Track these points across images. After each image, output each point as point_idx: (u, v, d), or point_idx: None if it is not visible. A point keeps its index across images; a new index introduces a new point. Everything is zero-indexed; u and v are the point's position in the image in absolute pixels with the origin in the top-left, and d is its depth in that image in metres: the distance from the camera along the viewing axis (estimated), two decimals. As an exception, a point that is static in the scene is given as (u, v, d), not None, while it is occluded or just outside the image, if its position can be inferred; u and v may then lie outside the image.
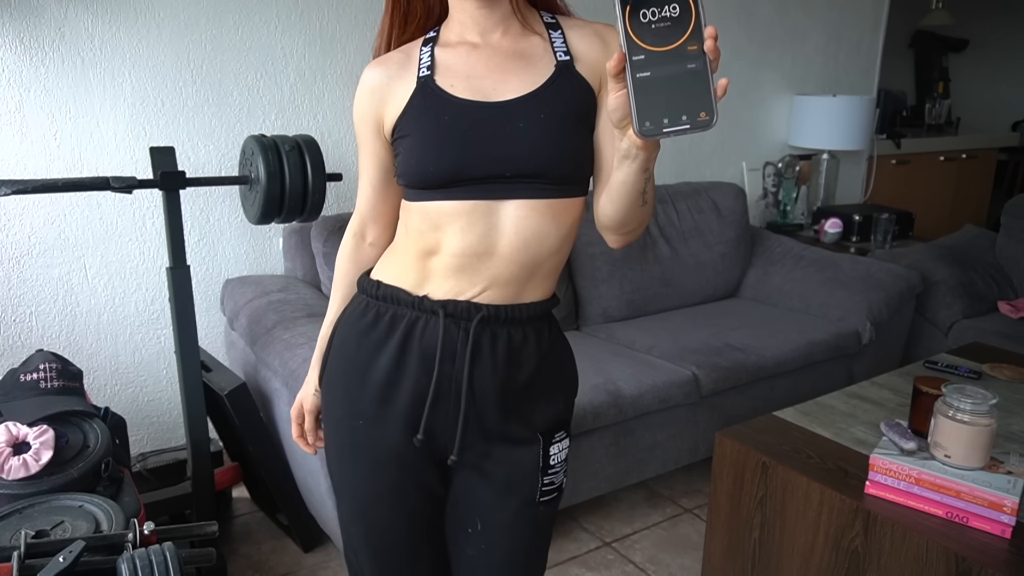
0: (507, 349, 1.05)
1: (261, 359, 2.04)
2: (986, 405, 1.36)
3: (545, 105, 1.00)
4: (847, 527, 1.44)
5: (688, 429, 2.36)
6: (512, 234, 1.01)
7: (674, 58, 0.72)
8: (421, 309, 1.05)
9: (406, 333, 1.05)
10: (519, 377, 1.06)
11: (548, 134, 1.00)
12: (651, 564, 2.14)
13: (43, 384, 1.62)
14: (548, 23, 1.07)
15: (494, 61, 1.04)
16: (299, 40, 2.38)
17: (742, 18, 3.39)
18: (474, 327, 1.03)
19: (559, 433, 1.12)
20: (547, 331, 1.10)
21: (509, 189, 1.00)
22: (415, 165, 1.02)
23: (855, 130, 3.51)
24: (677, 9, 0.72)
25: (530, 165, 0.99)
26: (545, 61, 1.03)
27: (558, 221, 1.03)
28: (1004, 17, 5.31)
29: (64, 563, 1.09)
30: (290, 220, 2.02)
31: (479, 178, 1.00)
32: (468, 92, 1.01)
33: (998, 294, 3.14)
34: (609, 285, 2.75)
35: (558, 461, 1.12)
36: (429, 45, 1.07)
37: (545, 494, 1.12)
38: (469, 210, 1.01)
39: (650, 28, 0.72)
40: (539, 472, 1.10)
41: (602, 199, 1.02)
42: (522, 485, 1.10)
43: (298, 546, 2.16)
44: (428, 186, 1.02)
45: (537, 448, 1.09)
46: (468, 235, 1.01)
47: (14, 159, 2.06)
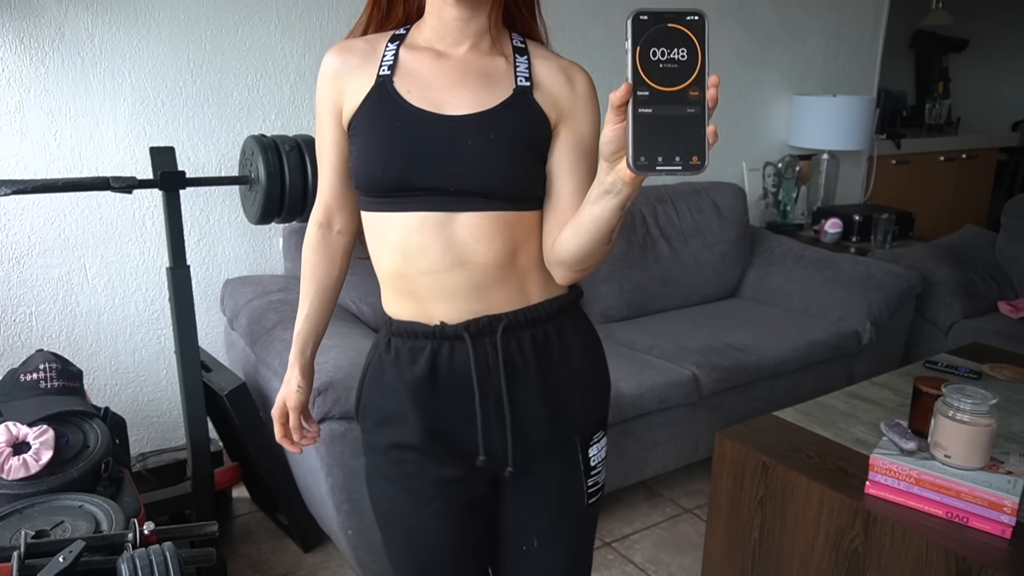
0: (534, 351, 1.05)
1: (261, 359, 2.04)
2: (986, 405, 1.36)
3: (496, 126, 0.99)
4: (847, 527, 1.44)
5: (688, 429, 2.36)
6: (473, 240, 1.00)
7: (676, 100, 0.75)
8: (443, 337, 1.04)
9: (432, 362, 1.04)
10: (553, 376, 1.06)
11: (495, 155, 0.99)
12: (651, 564, 2.14)
13: (43, 384, 1.62)
14: (516, 47, 1.06)
15: (455, 74, 1.03)
16: (299, 40, 2.38)
17: (742, 18, 3.39)
18: (500, 338, 1.02)
19: (598, 433, 1.13)
20: (570, 327, 1.09)
21: (457, 202, 0.99)
22: (364, 169, 1.02)
23: (855, 130, 3.51)
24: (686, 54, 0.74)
25: (474, 183, 0.99)
26: (504, 83, 1.02)
27: (513, 228, 1.02)
28: (1004, 17, 5.31)
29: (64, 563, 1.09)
30: (290, 220, 2.02)
31: (425, 188, 0.99)
32: (423, 101, 1.01)
33: (998, 294, 3.14)
34: (609, 285, 2.75)
35: (599, 461, 1.13)
36: (396, 43, 1.06)
37: (592, 495, 1.12)
38: (420, 224, 1.00)
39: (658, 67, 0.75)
40: (583, 475, 1.10)
41: (565, 234, 0.98)
42: (570, 493, 1.10)
43: (298, 546, 2.16)
44: (377, 192, 1.02)
45: (579, 452, 1.10)
46: (429, 250, 1.00)
47: (14, 159, 2.06)
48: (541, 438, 1.07)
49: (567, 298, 1.09)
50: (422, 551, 1.12)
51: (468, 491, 1.09)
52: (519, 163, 1.01)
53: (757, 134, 3.63)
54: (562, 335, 1.07)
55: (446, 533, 1.10)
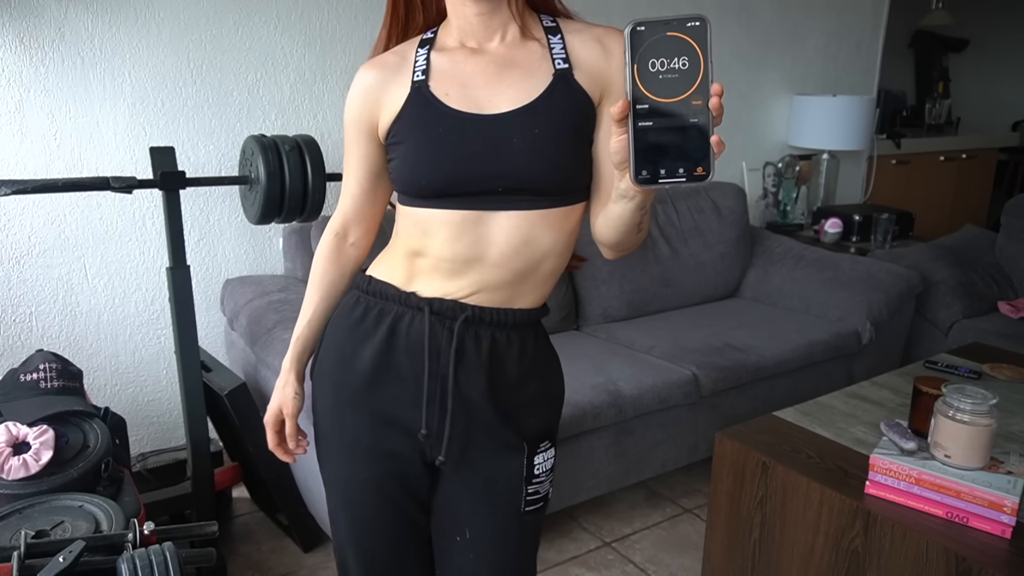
0: (491, 351, 1.04)
1: (261, 359, 2.04)
2: (986, 405, 1.36)
3: (540, 119, 0.98)
4: (847, 527, 1.44)
5: (688, 429, 2.36)
6: (503, 243, 1.00)
7: (678, 111, 0.73)
8: (408, 304, 1.04)
9: (392, 327, 1.05)
10: (504, 381, 1.06)
11: (542, 151, 0.97)
12: (651, 564, 2.14)
13: (43, 384, 1.62)
14: (548, 27, 1.05)
15: (491, 69, 1.01)
16: (299, 40, 2.38)
17: (742, 18, 3.39)
18: (458, 326, 1.02)
19: (544, 443, 1.12)
20: (532, 339, 1.09)
21: (501, 201, 0.99)
22: (408, 176, 1.01)
23: (855, 130, 3.51)
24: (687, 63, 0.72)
25: (523, 182, 0.98)
26: (542, 70, 1.01)
27: (554, 228, 1.02)
28: (1004, 17, 5.31)
29: (64, 563, 1.09)
30: (290, 220, 2.02)
31: (471, 192, 0.99)
32: (462, 103, 0.99)
33: (998, 294, 3.14)
34: (609, 285, 2.75)
35: (543, 471, 1.12)
36: (426, 48, 1.05)
37: (530, 503, 1.11)
38: (459, 220, 1.00)
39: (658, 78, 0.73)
40: (523, 482, 1.10)
41: (599, 220, 1.01)
42: (507, 494, 1.10)
43: (298, 546, 2.16)
44: (420, 196, 1.01)
45: (522, 457, 1.09)
46: (457, 243, 1.00)
47: (14, 159, 2.06)
48: (482, 435, 1.07)
49: (538, 313, 1.09)
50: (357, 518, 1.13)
51: (404, 466, 1.09)
52: (566, 155, 0.99)
53: (757, 134, 3.63)
54: (523, 343, 1.07)
55: (380, 504, 1.11)
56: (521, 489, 1.10)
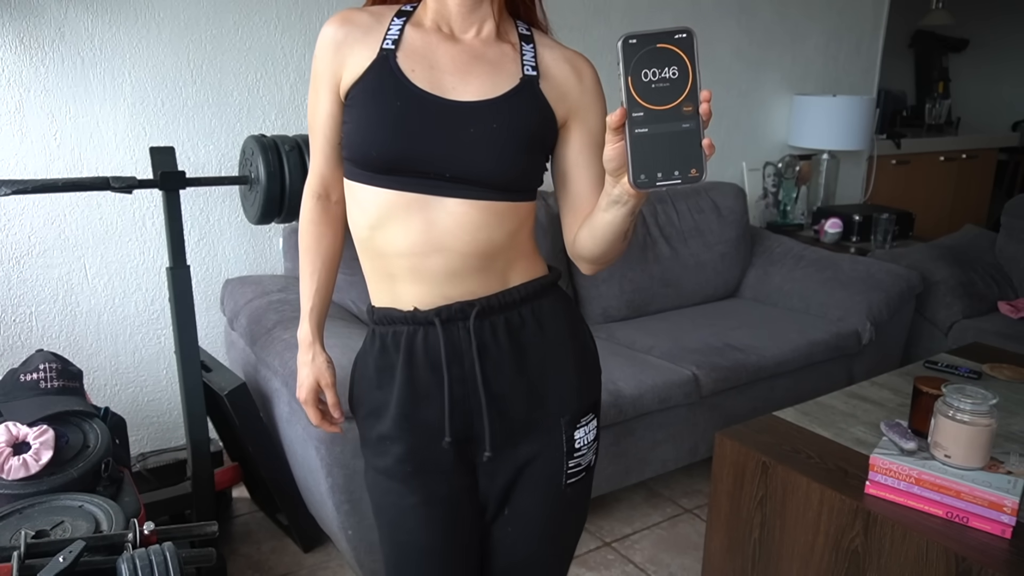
0: (508, 335, 1.05)
1: (261, 359, 2.04)
2: (986, 405, 1.36)
3: (500, 115, 0.99)
4: (847, 527, 1.44)
5: (688, 429, 2.36)
6: (455, 227, 1.00)
7: (670, 117, 0.78)
8: (416, 322, 1.04)
9: (409, 348, 1.05)
10: (529, 361, 1.06)
11: (495, 145, 0.98)
12: (651, 564, 2.14)
13: (43, 384, 1.62)
14: (522, 34, 1.06)
15: (461, 59, 1.02)
16: (299, 40, 2.38)
17: (742, 19, 3.39)
18: (473, 323, 1.02)
19: (586, 416, 1.11)
20: (548, 307, 1.09)
21: (448, 188, 0.99)
22: (359, 144, 1.00)
23: (855, 130, 3.51)
24: (676, 72, 0.77)
25: (470, 171, 0.98)
26: (511, 71, 1.02)
27: (501, 219, 1.02)
28: (1004, 17, 5.31)
29: (64, 563, 1.09)
30: (290, 220, 2.02)
31: (420, 172, 0.98)
32: (426, 83, 0.99)
33: (998, 294, 3.14)
34: (609, 285, 2.75)
35: (584, 443, 1.11)
36: (402, 19, 1.04)
37: (572, 476, 1.11)
38: (405, 204, 0.99)
39: (650, 88, 0.77)
40: (564, 457, 1.10)
41: (582, 233, 1.02)
42: (548, 472, 1.10)
43: (298, 546, 2.16)
44: (368, 167, 1.01)
45: (560, 434, 1.09)
46: (408, 232, 1.00)
47: (14, 159, 2.06)
48: (519, 418, 1.07)
49: (544, 280, 1.09)
50: (407, 545, 1.13)
51: (448, 482, 1.09)
52: (520, 155, 1.01)
53: (757, 134, 3.63)
54: (539, 317, 1.07)
55: (430, 528, 1.11)
56: (562, 464, 1.10)
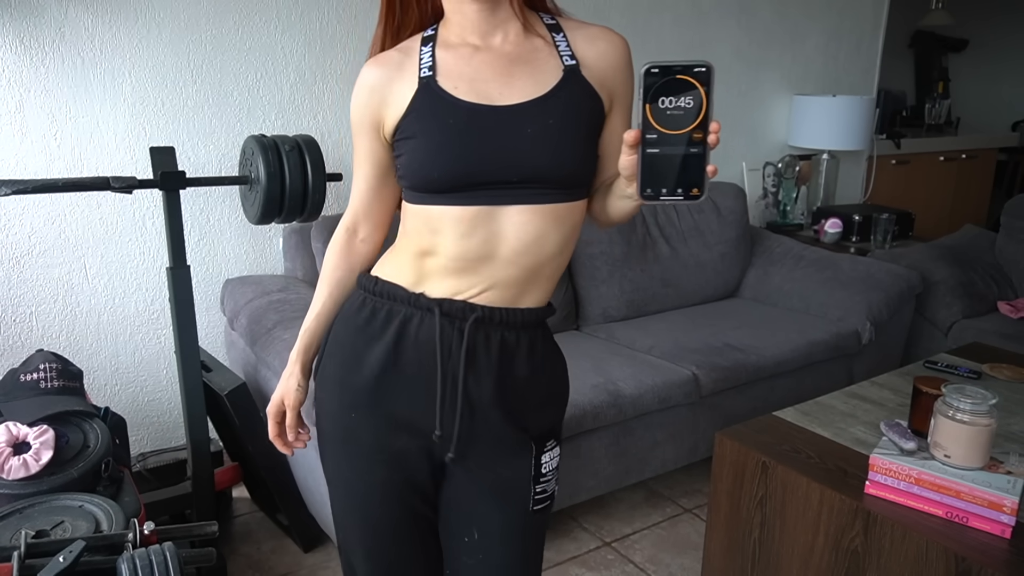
0: (500, 351, 1.05)
1: (261, 359, 2.04)
2: (986, 405, 1.36)
3: (554, 111, 0.99)
4: (847, 527, 1.44)
5: (688, 429, 2.36)
6: (513, 238, 1.00)
7: (681, 141, 0.84)
8: (417, 306, 1.04)
9: (401, 328, 1.05)
10: (512, 381, 1.06)
11: (557, 141, 0.98)
12: (651, 564, 2.14)
13: (43, 384, 1.62)
14: (550, 25, 1.06)
15: (498, 64, 1.02)
16: (299, 40, 2.38)
17: (742, 19, 3.39)
18: (469, 326, 1.02)
19: (550, 442, 1.12)
20: (540, 339, 1.10)
21: (512, 195, 0.99)
22: (418, 169, 1.00)
23: (855, 130, 3.51)
24: (691, 102, 0.83)
25: (538, 172, 0.98)
26: (551, 65, 1.02)
27: (561, 223, 1.02)
28: (1004, 17, 5.31)
29: (64, 563, 1.09)
30: (290, 220, 2.02)
31: (485, 183, 0.98)
32: (473, 95, 0.99)
33: (998, 294, 3.13)
34: (609, 285, 2.75)
35: (549, 469, 1.12)
36: (429, 45, 1.04)
37: (538, 502, 1.12)
38: (471, 216, 0.99)
39: (665, 113, 0.84)
40: (531, 481, 1.10)
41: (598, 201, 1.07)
42: (516, 493, 1.10)
43: (298, 546, 2.16)
44: (431, 191, 1.01)
45: (530, 456, 1.09)
46: (468, 241, 1.00)
47: (14, 159, 2.06)
48: (490, 434, 1.07)
49: (545, 312, 1.10)
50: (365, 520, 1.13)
51: (412, 466, 1.09)
52: (579, 146, 1.01)
53: (757, 134, 3.63)
54: (531, 343, 1.07)
55: (388, 505, 1.11)
56: (529, 488, 1.10)
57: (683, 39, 3.21)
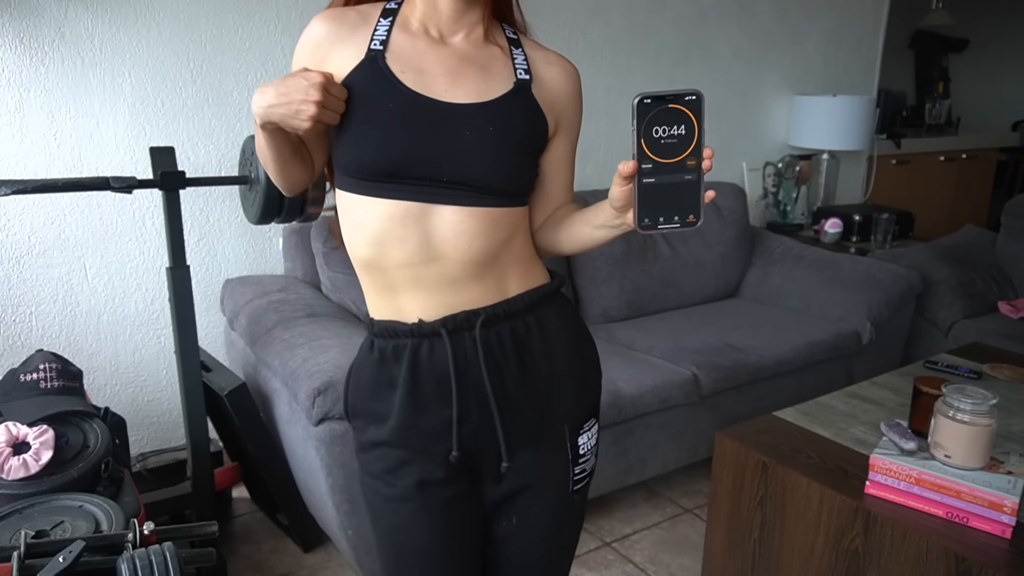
0: (513, 344, 1.04)
1: (261, 359, 2.04)
2: (986, 405, 1.36)
3: (496, 119, 0.98)
4: (847, 527, 1.44)
5: (688, 429, 2.36)
6: (452, 236, 0.99)
7: (676, 169, 0.85)
8: (421, 335, 1.03)
9: (413, 361, 1.03)
10: (536, 368, 1.05)
11: (493, 148, 0.98)
12: (651, 564, 2.14)
13: (43, 384, 1.62)
14: (510, 38, 1.06)
15: (450, 62, 1.01)
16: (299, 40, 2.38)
17: (742, 19, 3.39)
18: (479, 333, 1.02)
19: (588, 421, 1.12)
20: (555, 316, 1.08)
21: (443, 194, 0.98)
22: (350, 149, 0.98)
23: (855, 130, 3.51)
24: (684, 130, 0.84)
25: (467, 175, 0.97)
26: (504, 75, 1.02)
27: (497, 226, 1.01)
28: (1004, 17, 5.31)
29: (64, 563, 1.09)
30: (290, 220, 2.02)
31: (415, 177, 0.97)
32: (418, 85, 0.98)
33: (998, 294, 3.13)
34: (609, 285, 2.75)
35: (587, 449, 1.12)
36: (388, 19, 1.02)
37: (577, 483, 1.12)
38: (401, 214, 0.98)
39: (660, 143, 0.85)
40: (569, 464, 1.10)
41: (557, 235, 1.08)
42: (555, 478, 1.10)
43: (298, 546, 2.16)
44: (361, 174, 0.98)
45: (565, 440, 1.09)
46: (406, 244, 0.99)
47: (14, 159, 2.06)
48: (525, 427, 1.06)
49: (547, 288, 1.09)
50: (406, 550, 1.12)
51: (450, 490, 1.08)
52: (517, 158, 1.01)
53: (757, 134, 3.63)
54: (543, 325, 1.07)
55: (431, 532, 1.10)
56: (568, 471, 1.10)
57: (683, 39, 3.21)
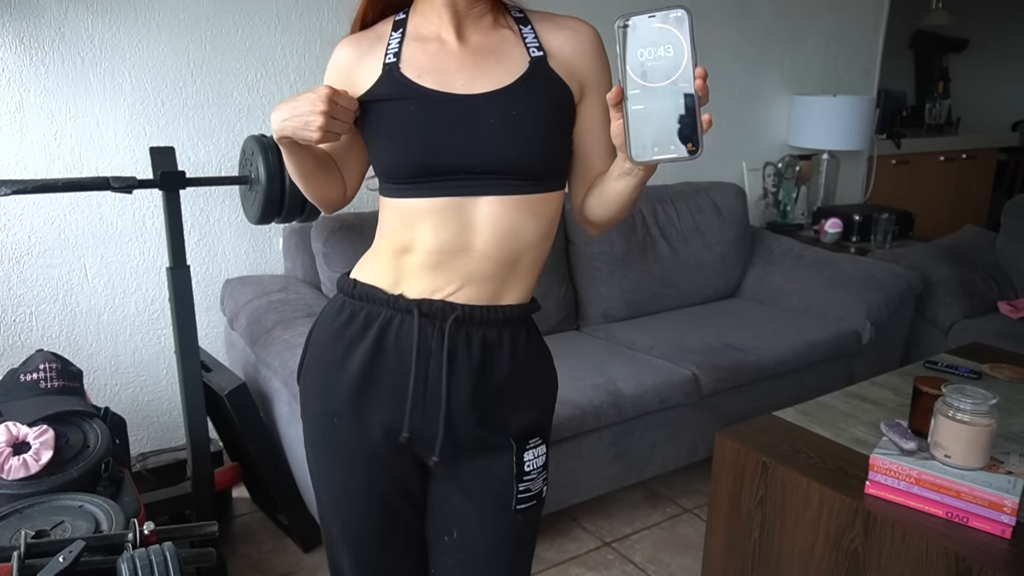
0: (481, 350, 1.04)
1: (261, 359, 2.04)
2: (986, 405, 1.35)
3: (517, 101, 0.99)
4: (847, 527, 1.44)
5: (688, 429, 2.36)
6: (487, 230, 1.00)
7: (666, 94, 0.80)
8: (396, 308, 1.04)
9: (380, 332, 1.04)
10: (494, 380, 1.05)
11: (519, 131, 0.98)
12: (651, 564, 2.14)
13: (43, 384, 1.62)
14: (517, 17, 1.07)
15: (464, 56, 1.02)
16: (299, 40, 2.38)
17: (742, 19, 3.39)
18: (449, 326, 1.02)
19: (533, 439, 1.11)
20: (524, 336, 1.09)
21: (480, 185, 0.99)
22: (383, 155, 1.01)
23: (855, 130, 3.51)
24: (671, 50, 0.79)
25: (502, 162, 0.98)
26: (517, 56, 1.02)
27: (535, 215, 1.02)
28: (1004, 17, 5.31)
29: (64, 563, 1.09)
30: (290, 220, 2.02)
31: (448, 172, 0.98)
32: (435, 84, 1.00)
33: (998, 294, 3.13)
34: (609, 285, 2.75)
35: (534, 468, 1.11)
36: (399, 31, 1.05)
37: (522, 501, 1.10)
38: (441, 208, 0.99)
39: (646, 65, 0.80)
40: (514, 479, 1.09)
41: (591, 200, 1.06)
42: (497, 493, 1.09)
43: (298, 546, 2.16)
44: (399, 178, 1.01)
45: (511, 455, 1.08)
46: (442, 233, 1.00)
47: (14, 159, 2.06)
48: (471, 434, 1.06)
49: (528, 308, 1.09)
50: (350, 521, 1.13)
51: (396, 468, 1.09)
52: (543, 136, 1.01)
53: (757, 134, 3.63)
54: (513, 341, 1.07)
55: (373, 507, 1.11)
56: (512, 487, 1.09)
57: (683, 39, 3.20)
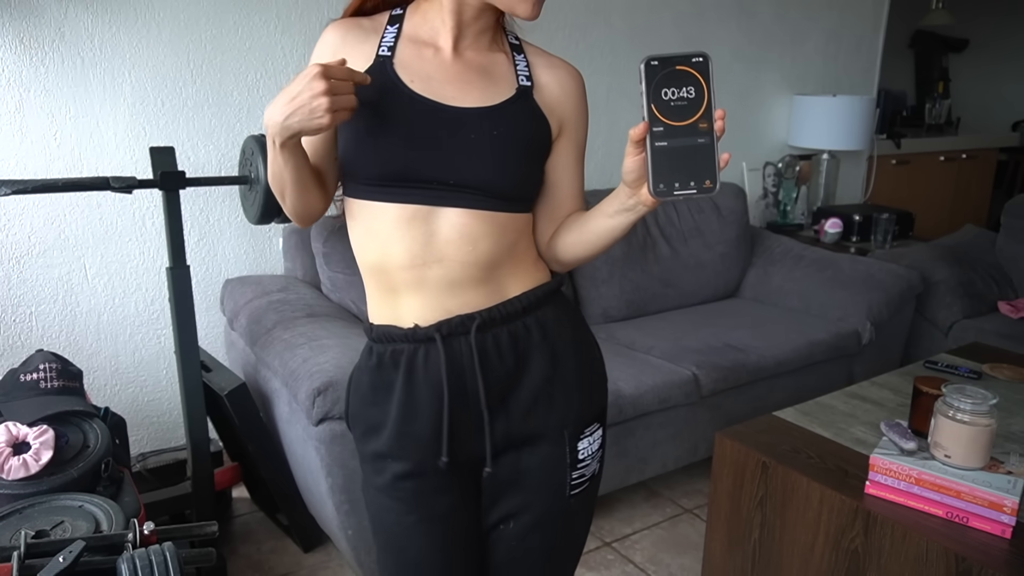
0: (511, 346, 1.04)
1: (261, 359, 2.04)
2: (986, 405, 1.36)
3: (500, 123, 1.00)
4: (847, 527, 1.44)
5: (688, 429, 2.36)
6: (457, 238, 1.00)
7: (688, 133, 0.84)
8: (416, 340, 1.03)
9: (408, 366, 1.04)
10: (530, 370, 1.05)
11: (499, 151, 0.99)
12: (651, 564, 2.14)
13: (43, 384, 1.62)
14: (513, 44, 1.08)
15: (455, 70, 1.02)
16: (299, 40, 2.38)
17: (742, 19, 3.39)
18: (474, 337, 1.01)
19: (591, 426, 1.11)
20: (552, 316, 1.08)
21: (449, 197, 0.99)
22: (360, 154, 0.99)
23: (855, 130, 3.51)
24: (693, 92, 0.84)
25: (474, 178, 0.98)
26: (507, 81, 1.03)
27: (501, 228, 1.02)
28: (1004, 17, 5.31)
29: (64, 563, 1.09)
30: (289, 220, 2.02)
31: (423, 180, 0.98)
32: (424, 91, 1.00)
33: (998, 294, 3.13)
34: (609, 285, 2.75)
35: (588, 454, 1.11)
36: (395, 26, 1.04)
37: (576, 487, 1.11)
38: (409, 216, 0.99)
39: (669, 105, 0.84)
40: (567, 468, 1.09)
41: (568, 239, 1.07)
42: (550, 484, 1.09)
43: (298, 546, 2.16)
44: (368, 178, 1.00)
45: (562, 446, 1.08)
46: (411, 244, 0.99)
47: (14, 159, 2.06)
48: (522, 430, 1.06)
49: (546, 288, 1.08)
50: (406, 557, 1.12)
51: (447, 497, 1.08)
52: (520, 163, 1.02)
53: (757, 134, 3.63)
54: (543, 326, 1.06)
55: (430, 542, 1.10)
56: (565, 475, 1.09)
57: (683, 39, 3.20)
